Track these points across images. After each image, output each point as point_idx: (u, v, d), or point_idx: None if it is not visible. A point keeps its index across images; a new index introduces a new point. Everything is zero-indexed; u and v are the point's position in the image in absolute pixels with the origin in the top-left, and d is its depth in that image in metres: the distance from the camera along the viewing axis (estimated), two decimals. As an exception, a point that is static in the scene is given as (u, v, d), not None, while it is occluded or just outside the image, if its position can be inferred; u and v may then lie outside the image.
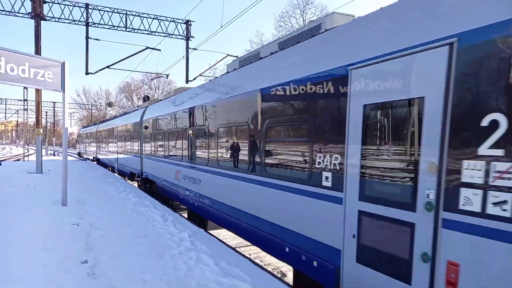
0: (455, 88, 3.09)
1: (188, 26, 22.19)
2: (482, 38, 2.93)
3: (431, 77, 3.28)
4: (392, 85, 3.68)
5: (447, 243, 3.13)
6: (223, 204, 7.52)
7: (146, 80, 61.91)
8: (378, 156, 3.94)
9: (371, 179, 3.95)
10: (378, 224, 3.85)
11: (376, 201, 3.84)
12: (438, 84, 3.20)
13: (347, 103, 4.18)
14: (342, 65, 4.30)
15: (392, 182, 3.79)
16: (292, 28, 38.04)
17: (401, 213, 3.55)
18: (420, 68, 3.44)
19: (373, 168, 3.95)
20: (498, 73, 2.82)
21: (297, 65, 5.35)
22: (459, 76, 3.07)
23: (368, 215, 3.93)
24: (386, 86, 3.75)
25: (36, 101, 18.53)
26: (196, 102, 9.20)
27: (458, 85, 3.07)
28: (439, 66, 3.21)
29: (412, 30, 3.60)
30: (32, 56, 9.53)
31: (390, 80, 3.71)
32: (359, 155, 4.04)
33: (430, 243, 3.26)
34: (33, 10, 17.80)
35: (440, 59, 3.21)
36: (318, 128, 4.70)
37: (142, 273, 5.11)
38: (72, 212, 8.70)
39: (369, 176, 3.97)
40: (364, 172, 4.00)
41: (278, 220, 5.54)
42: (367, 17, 4.38)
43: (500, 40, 2.80)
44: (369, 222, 3.93)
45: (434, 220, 3.23)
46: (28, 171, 16.70)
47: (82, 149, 44.81)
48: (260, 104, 6.08)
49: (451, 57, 3.13)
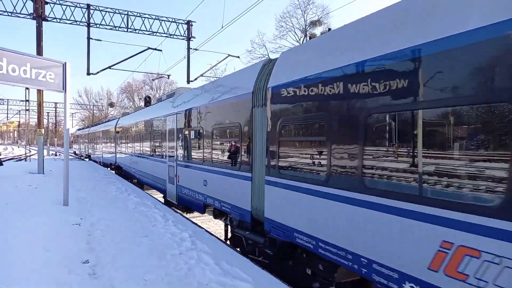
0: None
1: (189, 27, 22.23)
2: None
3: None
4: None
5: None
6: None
7: (148, 81, 62.01)
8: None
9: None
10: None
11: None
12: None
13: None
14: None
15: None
16: (293, 28, 38.08)
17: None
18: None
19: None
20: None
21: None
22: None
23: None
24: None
25: (37, 101, 18.61)
26: (136, 119, 17.36)
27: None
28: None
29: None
30: (34, 56, 9.57)
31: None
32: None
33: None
34: (34, 11, 17.87)
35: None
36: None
37: (143, 273, 5.12)
38: (73, 212, 8.72)
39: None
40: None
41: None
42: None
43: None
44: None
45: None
46: (30, 172, 16.75)
47: (77, 148, 52.32)
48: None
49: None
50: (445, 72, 3.21)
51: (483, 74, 3.00)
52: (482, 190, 2.95)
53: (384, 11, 4.16)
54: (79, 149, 49.46)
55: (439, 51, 3.26)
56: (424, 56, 3.39)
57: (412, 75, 3.50)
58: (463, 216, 2.98)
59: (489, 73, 2.96)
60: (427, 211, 3.27)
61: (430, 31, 3.40)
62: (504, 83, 2.80)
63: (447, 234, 3.09)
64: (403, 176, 3.66)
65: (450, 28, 3.20)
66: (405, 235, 3.48)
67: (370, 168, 4.01)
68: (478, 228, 2.87)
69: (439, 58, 3.26)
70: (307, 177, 5.03)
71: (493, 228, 2.77)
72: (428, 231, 3.25)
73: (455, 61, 3.14)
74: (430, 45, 3.36)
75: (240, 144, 6.97)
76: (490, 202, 2.86)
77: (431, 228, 3.23)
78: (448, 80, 3.19)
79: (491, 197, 2.87)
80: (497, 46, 2.86)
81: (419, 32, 3.50)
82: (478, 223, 2.86)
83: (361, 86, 4.06)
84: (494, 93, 2.88)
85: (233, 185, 7.15)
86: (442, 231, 3.13)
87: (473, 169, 3.08)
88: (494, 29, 2.86)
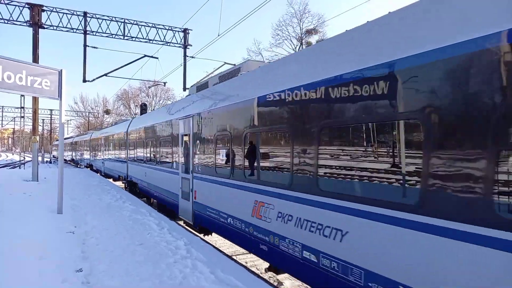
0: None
1: (186, 35, 22.37)
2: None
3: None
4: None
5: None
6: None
7: (144, 88, 61.94)
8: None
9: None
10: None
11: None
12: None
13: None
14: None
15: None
16: (289, 36, 38.39)
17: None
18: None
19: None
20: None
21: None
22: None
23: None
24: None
25: (33, 108, 18.58)
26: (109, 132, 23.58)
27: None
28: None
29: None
30: (30, 64, 9.59)
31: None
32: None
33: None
34: (31, 18, 17.93)
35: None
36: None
37: (138, 282, 5.09)
38: (67, 220, 8.66)
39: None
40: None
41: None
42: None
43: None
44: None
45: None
46: (24, 179, 16.62)
47: (65, 154, 56.56)
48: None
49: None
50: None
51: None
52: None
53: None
54: (66, 155, 50.62)
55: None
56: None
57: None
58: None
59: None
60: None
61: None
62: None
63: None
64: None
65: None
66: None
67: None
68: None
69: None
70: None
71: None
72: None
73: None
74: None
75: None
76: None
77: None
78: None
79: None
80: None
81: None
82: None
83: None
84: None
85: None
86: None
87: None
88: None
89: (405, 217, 3.40)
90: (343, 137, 4.64)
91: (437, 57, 3.17)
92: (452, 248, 2.99)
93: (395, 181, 3.73)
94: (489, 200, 2.79)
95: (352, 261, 3.97)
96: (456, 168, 3.01)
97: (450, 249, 3.01)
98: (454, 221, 2.99)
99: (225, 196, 7.21)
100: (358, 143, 4.39)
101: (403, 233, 3.40)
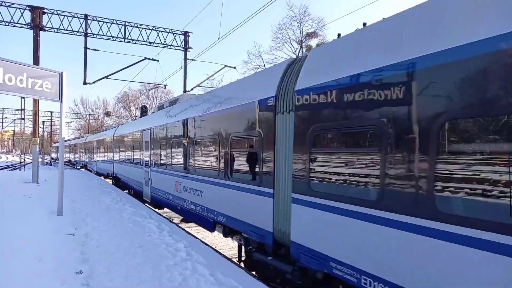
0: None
1: (186, 37, 22.42)
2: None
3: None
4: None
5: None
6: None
7: (144, 90, 62.09)
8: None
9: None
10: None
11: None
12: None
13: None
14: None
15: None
16: (289, 39, 38.47)
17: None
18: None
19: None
20: None
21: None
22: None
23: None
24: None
25: (33, 110, 18.59)
26: (100, 136, 27.90)
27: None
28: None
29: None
30: (31, 66, 9.59)
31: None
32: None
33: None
34: (32, 20, 17.97)
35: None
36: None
37: (138, 284, 5.09)
38: (67, 222, 8.66)
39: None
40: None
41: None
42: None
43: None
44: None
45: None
46: (24, 181, 16.62)
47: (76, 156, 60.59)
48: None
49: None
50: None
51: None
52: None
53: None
54: (72, 158, 50.92)
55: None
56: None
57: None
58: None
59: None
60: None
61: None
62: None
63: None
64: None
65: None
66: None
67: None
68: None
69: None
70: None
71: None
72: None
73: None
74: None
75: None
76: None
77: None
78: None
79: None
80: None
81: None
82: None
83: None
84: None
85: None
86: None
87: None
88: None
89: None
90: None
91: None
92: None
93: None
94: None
95: (206, 205, 8.20)
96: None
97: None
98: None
99: (162, 180, 11.70)
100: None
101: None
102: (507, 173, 2.73)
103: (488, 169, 2.86)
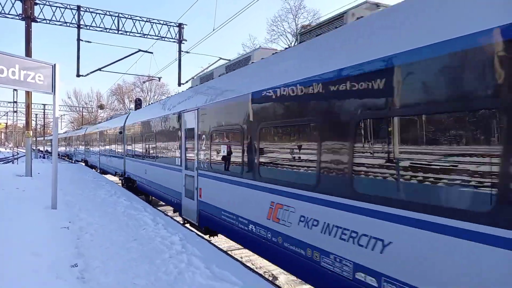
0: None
1: (181, 29, 22.20)
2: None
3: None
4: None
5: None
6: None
7: (138, 83, 61.63)
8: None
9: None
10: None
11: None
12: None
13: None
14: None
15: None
16: (284, 32, 38.30)
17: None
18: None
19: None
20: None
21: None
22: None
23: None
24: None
25: (26, 103, 18.39)
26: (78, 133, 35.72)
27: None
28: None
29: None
30: (23, 58, 9.47)
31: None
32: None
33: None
34: (23, 11, 17.66)
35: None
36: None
37: (133, 278, 5.09)
38: (62, 215, 8.61)
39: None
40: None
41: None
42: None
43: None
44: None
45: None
46: (17, 174, 16.48)
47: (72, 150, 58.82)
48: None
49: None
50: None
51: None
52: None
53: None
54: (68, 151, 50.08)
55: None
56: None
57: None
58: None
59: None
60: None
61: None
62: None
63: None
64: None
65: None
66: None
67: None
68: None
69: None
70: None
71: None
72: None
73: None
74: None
75: None
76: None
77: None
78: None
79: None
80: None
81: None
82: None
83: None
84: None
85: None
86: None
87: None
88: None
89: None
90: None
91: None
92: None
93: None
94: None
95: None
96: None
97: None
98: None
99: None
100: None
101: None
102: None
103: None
